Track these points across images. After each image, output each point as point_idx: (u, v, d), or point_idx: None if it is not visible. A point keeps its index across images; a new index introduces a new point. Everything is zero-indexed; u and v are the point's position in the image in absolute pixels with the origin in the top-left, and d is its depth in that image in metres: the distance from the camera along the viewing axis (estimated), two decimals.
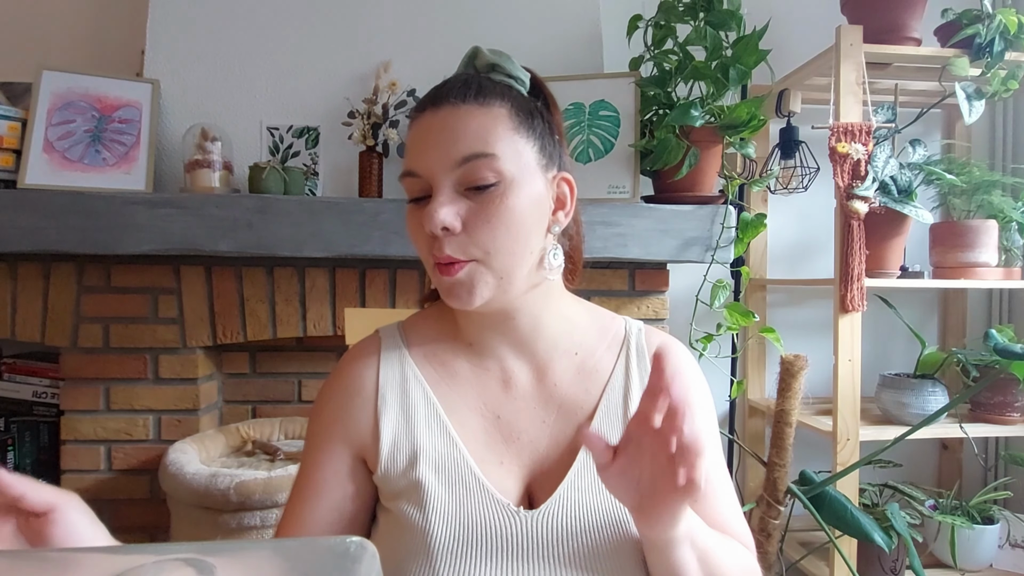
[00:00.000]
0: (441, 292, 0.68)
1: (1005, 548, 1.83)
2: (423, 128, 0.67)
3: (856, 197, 1.61)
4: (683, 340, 0.87)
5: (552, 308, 0.73)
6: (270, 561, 0.41)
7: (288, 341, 1.78)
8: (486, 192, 0.64)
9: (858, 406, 1.66)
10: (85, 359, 1.61)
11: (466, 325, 0.74)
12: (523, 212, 0.66)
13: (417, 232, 0.67)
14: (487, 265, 0.65)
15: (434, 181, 0.65)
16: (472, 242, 0.64)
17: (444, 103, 0.66)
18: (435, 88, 0.69)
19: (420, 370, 0.73)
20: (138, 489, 1.63)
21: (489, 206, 0.64)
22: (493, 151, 0.64)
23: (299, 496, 0.73)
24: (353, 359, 0.76)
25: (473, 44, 0.78)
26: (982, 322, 2.16)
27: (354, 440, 0.72)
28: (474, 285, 0.65)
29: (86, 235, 1.48)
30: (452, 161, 0.64)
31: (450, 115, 0.65)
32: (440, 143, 0.65)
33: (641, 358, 0.75)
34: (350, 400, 0.73)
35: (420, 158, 0.66)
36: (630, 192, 1.61)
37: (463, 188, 0.65)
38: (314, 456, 0.73)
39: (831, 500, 1.37)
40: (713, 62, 1.53)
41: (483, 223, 0.64)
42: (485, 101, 0.66)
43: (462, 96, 0.66)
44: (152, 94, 1.63)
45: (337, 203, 1.53)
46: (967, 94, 1.65)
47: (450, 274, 0.65)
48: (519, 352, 0.73)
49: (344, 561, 0.37)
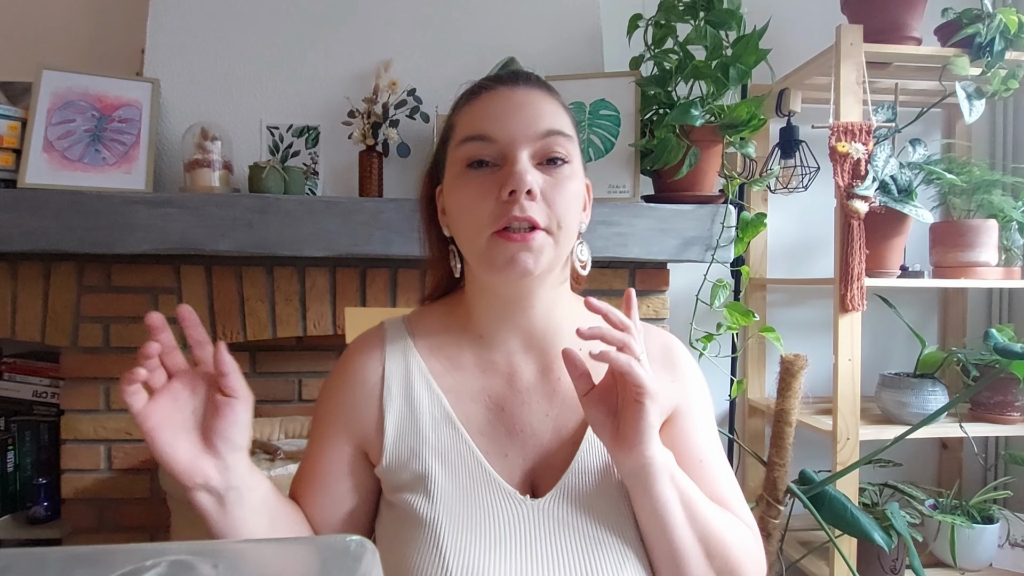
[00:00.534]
0: (499, 260, 0.66)
1: (1005, 547, 1.83)
2: (500, 99, 0.69)
3: (856, 196, 1.61)
4: (683, 339, 0.87)
5: (562, 303, 0.75)
6: (270, 560, 0.41)
7: (288, 341, 1.78)
8: (559, 168, 0.67)
9: (858, 405, 1.66)
10: (85, 359, 1.61)
11: (480, 316, 0.74)
12: (579, 198, 0.70)
13: (480, 196, 0.66)
14: (556, 237, 0.67)
15: (514, 148, 0.66)
16: (550, 211, 0.66)
17: (520, 83, 0.70)
18: (504, 72, 0.72)
19: (425, 363, 0.74)
20: (138, 488, 1.63)
21: (561, 182, 0.67)
22: (570, 133, 0.70)
23: (301, 489, 0.73)
24: (358, 351, 0.76)
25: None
26: (982, 322, 2.16)
27: (357, 432, 0.72)
28: (541, 255, 0.66)
29: (86, 235, 1.48)
30: (536, 132, 0.67)
31: (529, 94, 0.69)
32: (523, 114, 0.67)
33: (642, 356, 0.75)
34: (354, 392, 0.73)
35: (499, 124, 0.67)
36: (630, 191, 1.61)
37: (538, 161, 0.67)
38: (317, 448, 0.74)
39: (831, 499, 1.37)
40: (713, 61, 1.53)
41: (559, 195, 0.66)
42: (554, 96, 0.71)
43: (536, 84, 0.71)
44: (152, 93, 1.63)
45: (337, 202, 1.53)
46: (967, 93, 1.65)
47: (525, 239, 0.65)
48: (527, 346, 0.74)
49: (345, 560, 0.38)
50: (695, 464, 0.72)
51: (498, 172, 0.66)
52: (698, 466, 0.72)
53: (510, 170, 0.65)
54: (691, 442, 0.73)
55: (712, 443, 0.75)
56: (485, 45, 1.76)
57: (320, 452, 0.73)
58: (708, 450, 0.74)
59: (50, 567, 0.41)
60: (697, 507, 0.65)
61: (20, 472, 1.73)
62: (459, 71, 1.75)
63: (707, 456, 0.74)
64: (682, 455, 0.72)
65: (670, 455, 0.66)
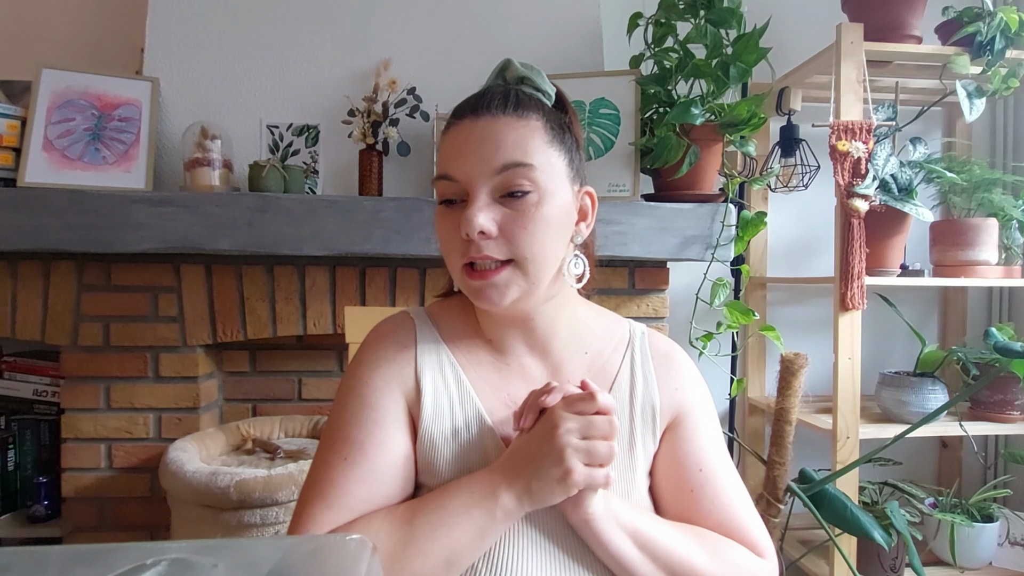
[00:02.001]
0: (469, 293, 0.70)
1: (1004, 546, 1.83)
2: (462, 135, 0.69)
3: (856, 195, 1.61)
4: (683, 338, 0.88)
5: (566, 312, 0.76)
6: (270, 559, 0.41)
7: (288, 339, 1.78)
8: (522, 200, 0.67)
9: (858, 404, 1.66)
10: (85, 357, 1.61)
11: (486, 323, 0.77)
12: (554, 221, 0.69)
13: (449, 234, 0.69)
14: (523, 268, 0.68)
15: (472, 186, 0.67)
16: (509, 246, 0.67)
17: (484, 113, 0.69)
18: (474, 97, 0.71)
19: (453, 354, 0.75)
20: (138, 487, 1.63)
21: (525, 213, 0.67)
22: (531, 161, 0.67)
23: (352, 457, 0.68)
24: (392, 329, 0.76)
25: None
26: (982, 320, 2.16)
27: (407, 398, 0.72)
28: (506, 287, 0.68)
29: (86, 233, 1.48)
30: (491, 169, 0.67)
31: (490, 125, 0.68)
32: (480, 151, 0.67)
33: (645, 360, 0.78)
34: (394, 362, 0.73)
35: (458, 163, 0.68)
36: (630, 190, 1.61)
37: (499, 195, 0.68)
38: (377, 420, 0.70)
39: (831, 498, 1.37)
40: (713, 60, 1.53)
41: (520, 229, 0.67)
42: (523, 114, 0.69)
43: (502, 107, 0.69)
44: (152, 92, 1.63)
45: (337, 201, 1.53)
46: (968, 92, 1.65)
47: (485, 277, 0.67)
48: (534, 351, 0.76)
49: (344, 559, 0.38)
50: (694, 472, 0.73)
51: (463, 209, 0.68)
52: (696, 474, 0.73)
53: (465, 212, 0.66)
54: (692, 450, 0.74)
55: (715, 450, 0.76)
56: (485, 44, 1.76)
57: (392, 431, 0.69)
58: (709, 457, 0.74)
59: (50, 566, 0.41)
60: (656, 544, 0.67)
61: (20, 471, 1.73)
62: (459, 70, 1.76)
63: (708, 463, 0.74)
64: (681, 462, 0.74)
65: (615, 501, 0.67)
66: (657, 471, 0.75)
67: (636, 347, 0.79)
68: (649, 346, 0.79)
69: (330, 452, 0.69)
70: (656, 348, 0.79)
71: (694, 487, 0.73)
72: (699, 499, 0.72)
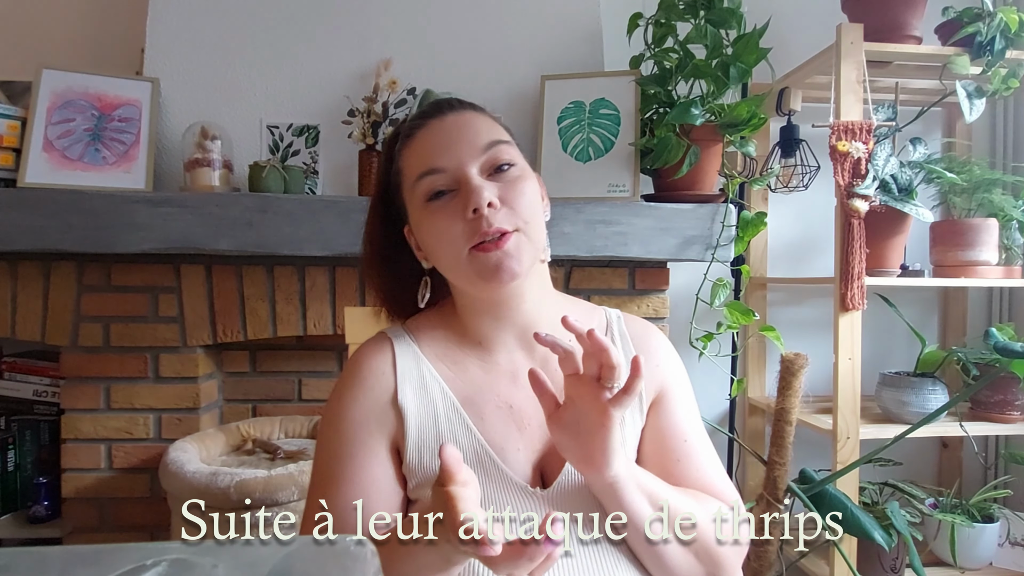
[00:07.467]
0: (485, 272, 0.70)
1: (1005, 546, 1.83)
2: (434, 132, 0.73)
3: (856, 196, 1.61)
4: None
5: (548, 298, 0.80)
6: (270, 560, 0.41)
7: (288, 340, 1.78)
8: (508, 172, 0.72)
9: (858, 404, 1.66)
10: (85, 358, 1.61)
11: (474, 324, 0.78)
12: (535, 193, 0.74)
13: (448, 224, 0.70)
14: (527, 235, 0.71)
15: (462, 170, 0.70)
16: (513, 213, 0.70)
17: (447, 111, 0.74)
18: (427, 106, 0.77)
19: (434, 367, 0.76)
20: (138, 488, 1.63)
21: (516, 184, 0.71)
22: (507, 139, 0.74)
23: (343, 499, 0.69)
24: (368, 356, 0.77)
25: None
26: (982, 321, 2.16)
27: (388, 434, 0.73)
28: (521, 255, 0.70)
29: (86, 234, 1.48)
30: (477, 149, 0.71)
31: (459, 117, 0.74)
32: (461, 137, 0.72)
33: (625, 342, 0.82)
34: (375, 395, 0.74)
35: (442, 154, 0.72)
36: (630, 191, 1.61)
37: (487, 173, 0.71)
38: (352, 455, 0.71)
39: (831, 498, 1.37)
40: (713, 60, 1.53)
41: (517, 196, 0.71)
42: (480, 111, 0.76)
43: (459, 107, 0.75)
44: (152, 92, 1.63)
45: (337, 202, 1.53)
46: (968, 92, 1.65)
47: (500, 246, 0.69)
48: (524, 343, 0.78)
49: (344, 560, 0.38)
50: (680, 443, 0.78)
51: (457, 196, 0.70)
52: (683, 445, 0.78)
53: (466, 190, 0.69)
54: (676, 422, 0.79)
55: (695, 422, 0.80)
56: (485, 44, 1.76)
57: (365, 464, 0.71)
58: (691, 429, 0.79)
59: (50, 566, 0.41)
60: (668, 505, 0.69)
61: (20, 471, 1.73)
62: (459, 70, 1.76)
63: (691, 435, 0.79)
64: (668, 435, 0.77)
65: (633, 463, 0.70)
66: (644, 444, 0.79)
67: (615, 331, 0.82)
68: (627, 329, 0.83)
69: (314, 491, 0.72)
70: (633, 330, 0.83)
71: (680, 457, 0.76)
72: (686, 467, 0.76)
